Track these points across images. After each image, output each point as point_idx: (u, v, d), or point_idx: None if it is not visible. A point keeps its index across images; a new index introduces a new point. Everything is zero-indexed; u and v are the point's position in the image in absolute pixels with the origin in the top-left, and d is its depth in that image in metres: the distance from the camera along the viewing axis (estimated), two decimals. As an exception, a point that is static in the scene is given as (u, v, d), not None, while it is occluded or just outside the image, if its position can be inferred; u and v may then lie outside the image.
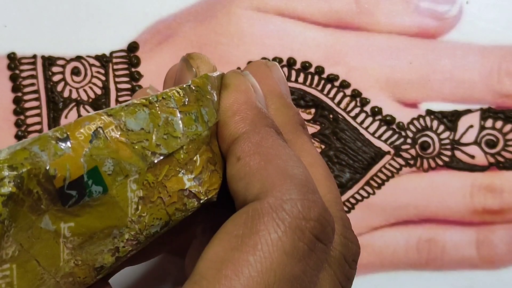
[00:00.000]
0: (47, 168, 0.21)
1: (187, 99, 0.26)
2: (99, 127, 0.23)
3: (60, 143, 0.22)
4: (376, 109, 0.37)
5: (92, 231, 0.23)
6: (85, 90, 0.38)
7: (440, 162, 0.38)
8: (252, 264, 0.22)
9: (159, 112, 0.25)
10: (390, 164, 0.38)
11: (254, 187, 0.24)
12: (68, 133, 0.22)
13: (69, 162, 0.22)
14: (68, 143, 0.22)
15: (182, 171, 0.26)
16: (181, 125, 0.26)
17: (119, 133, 0.24)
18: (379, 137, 0.38)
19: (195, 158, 0.26)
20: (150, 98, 0.25)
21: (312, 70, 0.38)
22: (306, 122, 0.38)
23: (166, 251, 0.32)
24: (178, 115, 0.26)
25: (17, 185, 0.21)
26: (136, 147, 0.24)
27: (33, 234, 0.22)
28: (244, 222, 0.23)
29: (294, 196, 0.23)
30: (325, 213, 0.24)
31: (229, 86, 0.27)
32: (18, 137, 0.38)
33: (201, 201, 0.26)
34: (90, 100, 0.38)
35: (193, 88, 0.26)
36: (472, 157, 0.38)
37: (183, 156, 0.25)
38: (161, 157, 0.25)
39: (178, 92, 0.26)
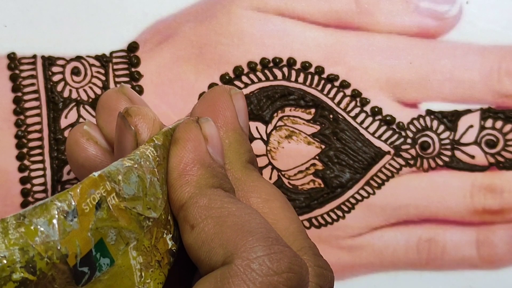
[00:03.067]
0: (59, 247, 0.21)
1: (159, 158, 0.25)
2: (103, 195, 0.22)
3: (68, 218, 0.21)
4: (376, 109, 0.37)
5: None
6: (85, 90, 0.38)
7: (440, 162, 0.38)
8: None
9: (145, 174, 0.24)
10: (390, 164, 0.38)
11: (217, 254, 0.23)
12: (75, 203, 0.21)
13: (77, 238, 0.21)
14: (76, 218, 0.21)
15: (165, 232, 0.25)
16: (158, 185, 0.25)
17: (119, 200, 0.23)
18: (379, 137, 0.38)
19: (169, 217, 0.25)
20: (136, 158, 0.24)
21: (312, 70, 0.38)
22: (306, 122, 0.38)
23: None
24: (157, 175, 0.25)
25: (29, 270, 0.20)
26: (132, 213, 0.23)
27: None
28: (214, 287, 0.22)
29: (260, 253, 0.22)
30: (295, 260, 0.23)
31: (177, 141, 0.26)
32: (18, 137, 0.38)
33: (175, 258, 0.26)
34: (90, 100, 0.38)
35: (160, 145, 0.26)
36: (472, 157, 0.38)
37: (164, 217, 0.25)
38: (152, 221, 0.24)
39: (152, 152, 0.25)
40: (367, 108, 0.38)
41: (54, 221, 0.21)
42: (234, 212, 0.24)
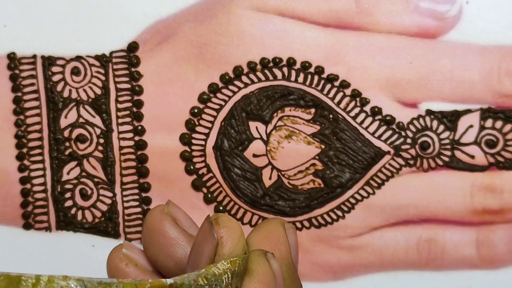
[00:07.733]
0: None
1: (230, 287, 0.24)
2: None
3: None
4: (376, 109, 0.38)
5: None
6: (85, 90, 0.38)
7: (440, 162, 0.38)
8: None
9: None
10: (390, 164, 0.38)
11: None
12: None
13: None
14: None
15: None
16: None
17: None
18: (379, 137, 0.38)
19: None
20: (212, 280, 0.23)
21: (312, 70, 0.38)
22: (306, 122, 0.38)
23: None
24: None
25: None
26: None
27: None
28: None
29: None
30: None
31: (252, 273, 0.26)
32: (18, 137, 0.38)
33: None
34: (90, 100, 0.38)
35: (237, 273, 0.25)
36: (472, 157, 0.38)
37: None
38: None
39: (228, 278, 0.24)
40: (367, 108, 0.38)
41: None
42: None
